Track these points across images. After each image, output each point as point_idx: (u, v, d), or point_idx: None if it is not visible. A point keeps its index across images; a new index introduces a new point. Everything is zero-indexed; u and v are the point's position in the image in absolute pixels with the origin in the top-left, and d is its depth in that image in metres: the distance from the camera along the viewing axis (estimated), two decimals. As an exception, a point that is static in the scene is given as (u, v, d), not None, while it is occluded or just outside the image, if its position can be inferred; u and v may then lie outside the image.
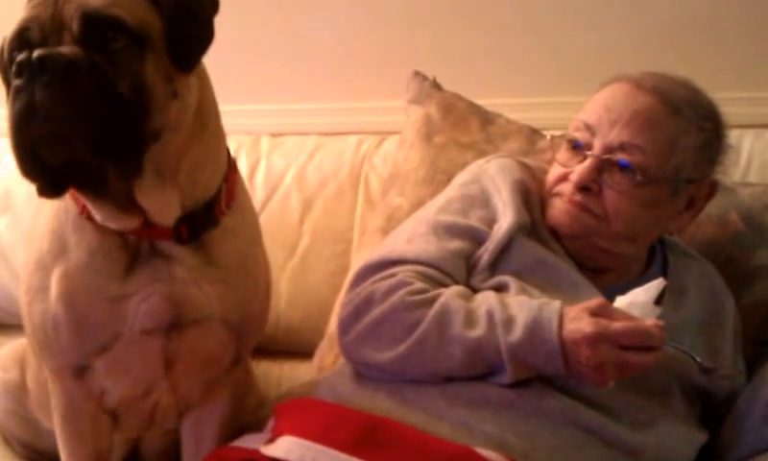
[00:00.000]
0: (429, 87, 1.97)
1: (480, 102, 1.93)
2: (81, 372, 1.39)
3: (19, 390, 1.72)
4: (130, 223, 1.30)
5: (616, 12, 2.07)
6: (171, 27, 1.22)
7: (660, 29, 2.04)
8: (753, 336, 1.56)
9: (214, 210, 1.36)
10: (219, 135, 1.39)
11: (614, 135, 1.40)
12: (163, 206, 1.29)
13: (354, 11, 2.22)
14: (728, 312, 1.52)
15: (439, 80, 1.99)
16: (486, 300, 1.33)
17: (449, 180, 1.66)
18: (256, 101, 2.27)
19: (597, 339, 1.23)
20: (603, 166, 1.40)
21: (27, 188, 2.11)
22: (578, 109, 1.49)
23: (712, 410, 1.47)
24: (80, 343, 1.35)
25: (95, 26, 1.17)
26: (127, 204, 1.27)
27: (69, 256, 1.33)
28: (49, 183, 1.22)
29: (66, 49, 1.15)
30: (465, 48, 2.16)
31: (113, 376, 1.40)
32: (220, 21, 2.19)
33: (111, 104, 1.15)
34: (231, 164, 1.43)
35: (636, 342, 1.24)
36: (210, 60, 1.40)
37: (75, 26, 1.17)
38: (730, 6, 1.99)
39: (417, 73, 2.00)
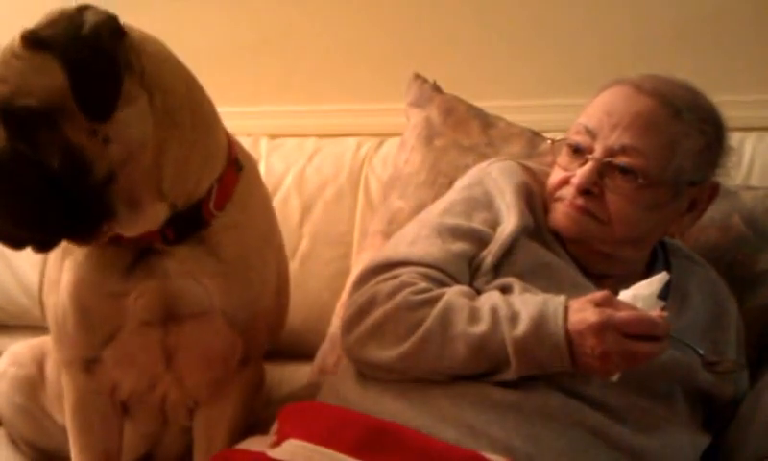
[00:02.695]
0: (430, 90, 1.96)
1: (480, 104, 1.93)
2: (90, 365, 1.43)
3: (33, 386, 1.75)
4: (124, 237, 1.33)
5: (618, 14, 2.07)
6: (75, 87, 1.20)
7: (662, 31, 2.04)
8: (756, 341, 1.56)
9: (202, 211, 1.36)
10: (203, 128, 1.37)
11: (615, 138, 1.40)
12: (151, 219, 1.32)
13: (354, 12, 2.22)
14: (731, 316, 1.51)
15: (439, 82, 1.98)
16: (490, 298, 1.34)
17: (450, 183, 1.66)
18: (255, 102, 2.27)
19: (602, 327, 1.23)
20: (604, 170, 1.40)
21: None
22: (580, 112, 1.49)
23: (715, 414, 1.47)
24: (85, 335, 1.39)
25: (11, 118, 1.20)
26: (113, 230, 1.31)
27: (74, 253, 1.37)
28: (37, 248, 1.29)
29: None
30: (465, 50, 2.16)
31: (121, 367, 1.43)
32: (220, 23, 2.20)
33: (49, 183, 1.20)
34: (231, 159, 1.42)
35: (641, 330, 1.24)
36: (210, 62, 1.40)
37: None
38: (731, 9, 2.00)
39: (417, 76, 2.00)
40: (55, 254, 1.40)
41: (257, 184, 1.51)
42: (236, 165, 1.43)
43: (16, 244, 1.26)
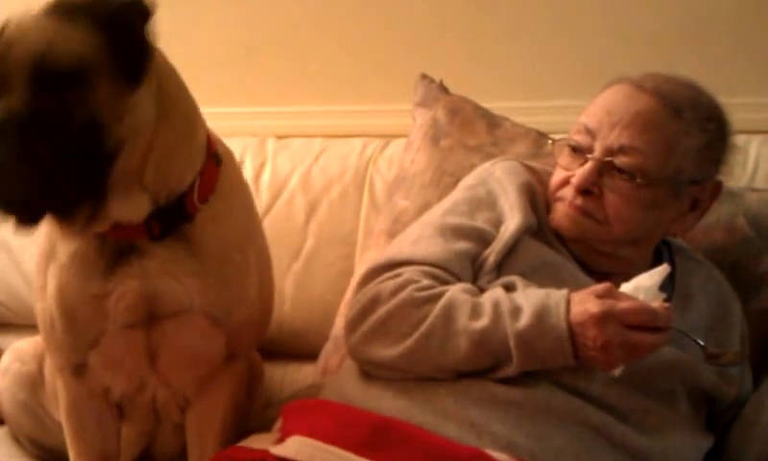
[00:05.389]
0: (436, 90, 1.97)
1: (487, 105, 1.93)
2: (79, 369, 1.44)
3: (34, 383, 1.75)
4: (99, 228, 1.32)
5: (622, 16, 2.07)
6: (113, 44, 1.21)
7: (666, 34, 2.04)
8: (759, 343, 1.56)
9: (186, 205, 1.36)
10: (186, 123, 1.37)
11: (614, 138, 1.40)
12: (131, 209, 1.31)
13: (360, 12, 2.23)
14: (735, 317, 1.51)
15: (445, 83, 1.99)
16: (492, 293, 1.34)
17: (456, 183, 1.66)
18: (262, 103, 2.28)
19: (603, 318, 1.23)
20: (603, 169, 1.41)
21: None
22: (581, 113, 1.49)
23: (718, 416, 1.47)
24: (72, 339, 1.40)
25: (42, 75, 1.18)
26: (95, 215, 1.30)
27: (57, 257, 1.37)
28: (22, 221, 1.24)
29: (17, 104, 1.16)
30: (472, 51, 2.16)
31: (108, 371, 1.44)
32: (226, 23, 2.20)
33: (69, 145, 1.18)
34: (211, 154, 1.41)
35: (643, 321, 1.24)
36: (218, 63, 1.40)
37: (23, 75, 1.18)
38: (735, 10, 2.00)
39: (424, 76, 2.01)
40: (39, 261, 1.39)
41: (238, 180, 1.51)
42: (215, 160, 1.42)
43: (7, 208, 1.22)
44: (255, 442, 1.35)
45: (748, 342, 1.52)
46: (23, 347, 1.80)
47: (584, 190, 1.42)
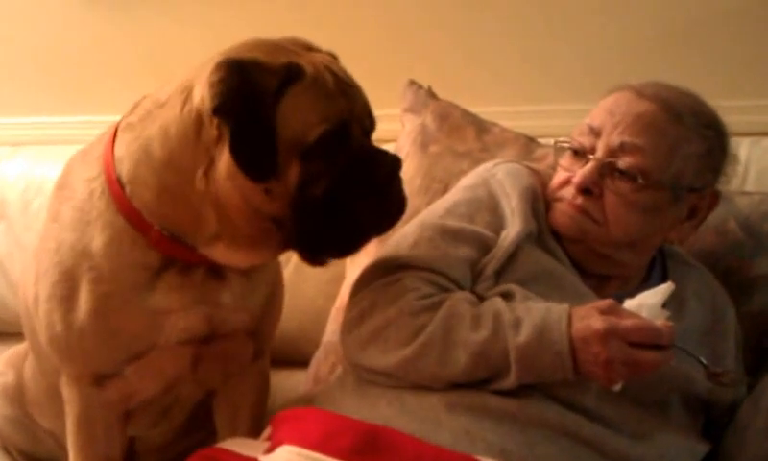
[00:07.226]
0: (425, 96, 1.97)
1: (475, 110, 1.93)
2: (103, 379, 1.42)
3: (16, 392, 1.73)
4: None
5: (609, 21, 2.07)
6: None
7: (653, 38, 2.05)
8: (752, 346, 1.56)
9: None
10: None
11: (617, 135, 1.41)
12: None
13: (349, 17, 2.23)
14: (729, 321, 1.52)
15: (434, 88, 1.99)
16: (493, 303, 1.33)
17: (445, 189, 1.66)
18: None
19: (607, 335, 1.23)
20: (605, 170, 1.41)
21: (21, 197, 2.13)
22: (574, 117, 1.51)
23: (714, 421, 1.46)
24: (109, 352, 1.39)
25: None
26: None
27: (101, 269, 1.34)
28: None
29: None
30: (460, 57, 2.17)
31: (144, 380, 1.43)
32: (214, 30, 2.19)
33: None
34: None
35: (646, 339, 1.24)
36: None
37: (370, 127, 1.43)
38: (721, 14, 2.00)
39: (412, 82, 2.01)
40: (61, 273, 1.36)
41: None
42: None
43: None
44: (241, 446, 1.33)
45: (741, 346, 1.52)
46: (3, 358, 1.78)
47: (584, 189, 1.42)
